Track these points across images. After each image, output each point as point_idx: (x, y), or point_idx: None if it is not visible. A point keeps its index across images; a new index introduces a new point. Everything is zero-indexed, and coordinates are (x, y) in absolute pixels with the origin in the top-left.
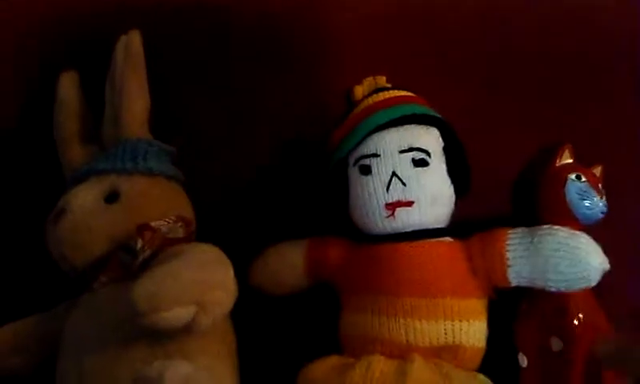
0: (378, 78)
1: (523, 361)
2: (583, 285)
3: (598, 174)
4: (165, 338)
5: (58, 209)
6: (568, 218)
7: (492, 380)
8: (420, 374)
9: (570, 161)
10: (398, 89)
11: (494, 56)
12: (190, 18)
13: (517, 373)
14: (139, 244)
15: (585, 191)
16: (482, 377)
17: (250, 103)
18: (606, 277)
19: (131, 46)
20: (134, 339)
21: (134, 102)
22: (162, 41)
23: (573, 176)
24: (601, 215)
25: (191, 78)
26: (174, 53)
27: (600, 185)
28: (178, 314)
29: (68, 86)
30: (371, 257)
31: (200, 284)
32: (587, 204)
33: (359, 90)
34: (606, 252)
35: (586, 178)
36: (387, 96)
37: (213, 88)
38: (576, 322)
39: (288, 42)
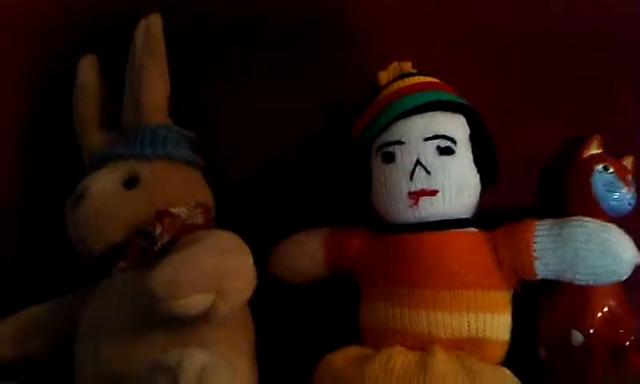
0: (404, 63)
1: (543, 353)
2: (613, 278)
3: (628, 166)
4: (183, 326)
5: (77, 193)
6: (595, 209)
7: (515, 374)
8: (441, 367)
9: (598, 151)
10: (424, 75)
11: (524, 42)
12: (211, 3)
13: (539, 366)
14: (158, 230)
15: (612, 182)
16: (505, 370)
17: (271, 90)
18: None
19: (151, 30)
20: (152, 326)
21: (154, 87)
22: (182, 25)
23: (600, 167)
24: (629, 207)
25: (212, 64)
26: (195, 38)
27: (630, 176)
28: (196, 302)
29: (87, 70)
30: (393, 247)
31: (219, 271)
32: (614, 196)
33: (384, 76)
34: (638, 245)
35: (614, 169)
36: (412, 82)
37: (234, 74)
38: (598, 316)
39: (311, 26)
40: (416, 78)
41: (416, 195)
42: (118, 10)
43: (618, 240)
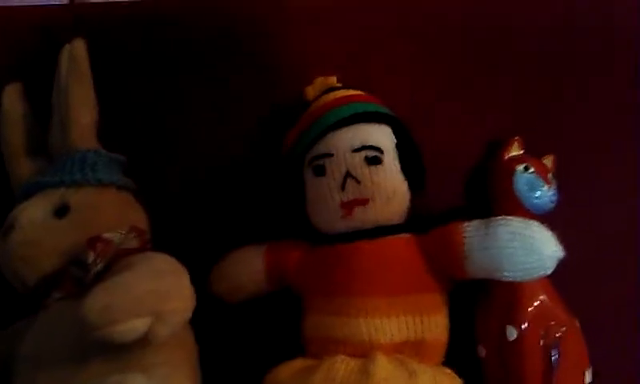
0: (329, 77)
1: (482, 351)
2: (539, 273)
3: (549, 164)
4: (123, 352)
5: (7, 224)
6: (519, 209)
7: (456, 372)
8: (383, 371)
9: (519, 152)
10: (349, 88)
11: (448, 46)
12: (132, 19)
13: (479, 364)
14: (91, 257)
15: (533, 182)
16: (446, 370)
17: (202, 108)
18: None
19: (75, 54)
20: (91, 354)
21: (81, 112)
22: (106, 46)
23: (521, 167)
24: (551, 204)
25: (140, 81)
26: (120, 59)
27: (550, 174)
28: (133, 326)
29: (12, 99)
30: (330, 257)
31: (155, 294)
32: (536, 194)
33: (310, 91)
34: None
35: (535, 168)
36: (338, 95)
37: (163, 93)
38: (530, 311)
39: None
40: (342, 91)
41: (349, 205)
42: (41, 37)
43: (541, 236)
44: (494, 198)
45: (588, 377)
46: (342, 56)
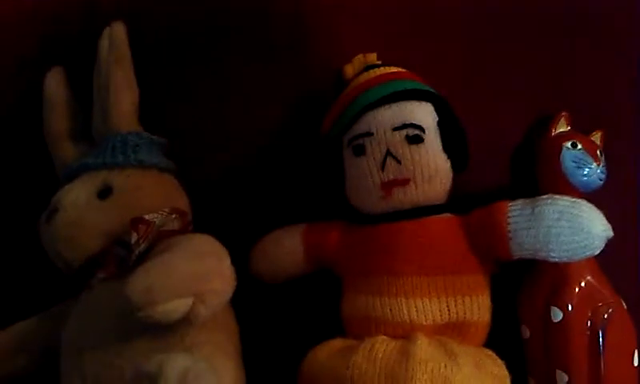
0: (368, 55)
1: (526, 333)
2: (586, 253)
3: (597, 141)
4: (165, 331)
5: (51, 207)
6: (566, 187)
7: (498, 354)
8: (424, 353)
9: (566, 129)
10: (389, 65)
11: (489, 24)
12: (174, 8)
13: (522, 346)
14: (134, 238)
15: (581, 159)
16: (488, 352)
17: (242, 88)
18: (614, 245)
19: (115, 37)
20: (135, 334)
21: (121, 95)
22: (147, 31)
23: (568, 144)
24: (600, 182)
25: (179, 67)
26: (160, 43)
27: (598, 151)
28: (174, 307)
29: (55, 84)
30: (369, 238)
31: (196, 275)
32: (584, 172)
33: (349, 69)
34: (609, 219)
35: (582, 145)
36: (378, 73)
37: (205, 75)
38: (576, 292)
39: (278, 23)
40: (381, 69)
41: (388, 186)
42: (83, 20)
43: (589, 215)
44: (540, 177)
45: (636, 358)
46: (380, 34)
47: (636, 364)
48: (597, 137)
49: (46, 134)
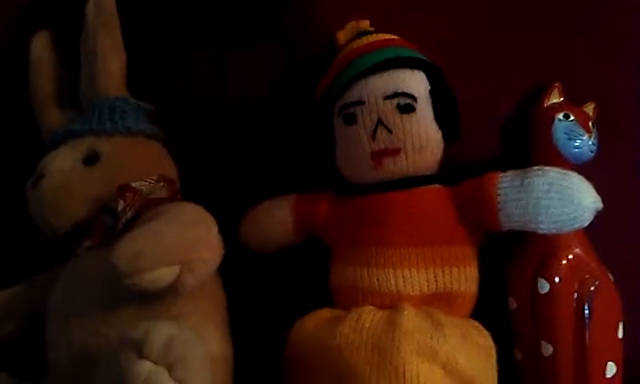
0: (361, 21)
1: (512, 304)
2: (576, 225)
3: (590, 113)
4: (152, 299)
5: (37, 173)
6: (557, 158)
7: (484, 325)
8: (410, 323)
9: (559, 100)
10: (382, 32)
11: None
12: None
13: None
14: (120, 205)
15: (572, 130)
16: (474, 323)
17: (231, 54)
18: (603, 218)
19: (103, 1)
20: (121, 302)
21: (109, 60)
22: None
23: (560, 115)
24: (591, 154)
25: (170, 32)
26: (149, 7)
27: (591, 123)
28: (161, 274)
29: (41, 47)
30: (359, 208)
31: (183, 243)
32: (575, 143)
33: (342, 36)
34: (598, 191)
35: (575, 116)
36: (371, 40)
37: (193, 41)
38: (564, 263)
39: None
40: (374, 35)
41: (379, 155)
42: None
43: (579, 186)
44: (531, 148)
45: (621, 330)
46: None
47: (620, 336)
48: (590, 108)
49: (33, 98)
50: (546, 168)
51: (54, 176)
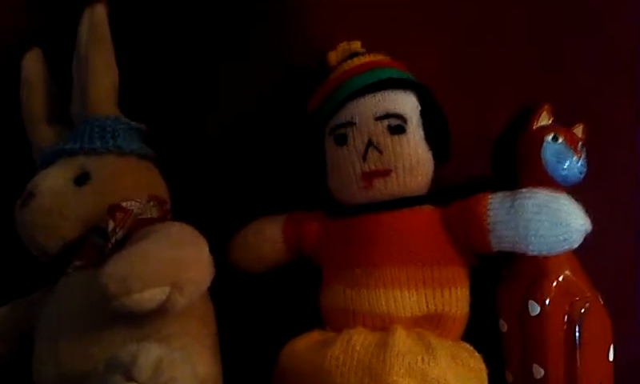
0: (353, 42)
1: (503, 326)
2: (565, 247)
3: (579, 134)
4: (142, 321)
5: (27, 192)
6: (547, 180)
7: (476, 347)
8: (402, 346)
9: (549, 121)
10: (373, 53)
11: (474, 14)
12: None
13: (500, 339)
14: (111, 225)
15: (562, 152)
16: (465, 345)
17: (224, 76)
18: (593, 238)
19: (95, 19)
20: (111, 323)
21: (100, 77)
22: (129, 14)
23: (549, 138)
24: (580, 175)
25: (162, 51)
26: (141, 26)
27: (580, 144)
28: (151, 295)
29: (33, 65)
30: (350, 229)
31: (173, 263)
32: (564, 165)
33: (333, 56)
34: (589, 212)
35: (564, 138)
36: (362, 61)
37: (185, 61)
38: (554, 286)
39: (260, 7)
40: (365, 56)
41: (369, 176)
42: (63, 0)
43: (568, 208)
44: (521, 169)
45: (612, 353)
46: (366, 20)
47: (611, 359)
48: (579, 129)
49: (24, 116)
50: (536, 190)
51: (44, 196)
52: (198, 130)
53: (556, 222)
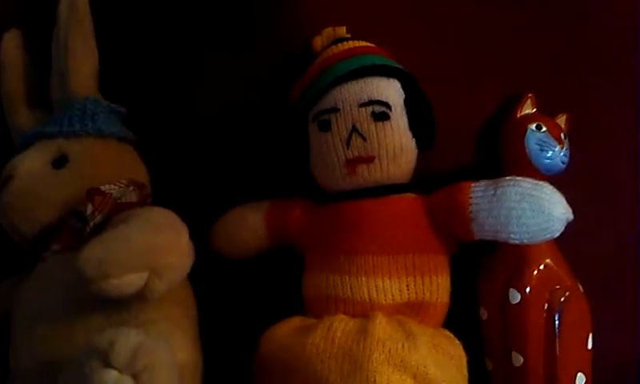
0: (338, 28)
1: (484, 314)
2: (547, 236)
3: (562, 124)
4: (120, 306)
5: (4, 175)
6: (529, 169)
7: (456, 335)
8: (382, 332)
9: (532, 110)
10: (358, 39)
11: (458, 5)
12: None
13: (480, 327)
14: (89, 209)
15: (544, 141)
16: (445, 332)
17: (205, 59)
18: (574, 227)
19: (76, 1)
20: (89, 308)
21: (81, 60)
22: None
23: (533, 126)
24: (562, 165)
25: (141, 32)
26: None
27: (563, 134)
28: (129, 280)
29: (11, 47)
30: (332, 215)
31: (152, 248)
32: (547, 154)
33: (318, 41)
34: (569, 202)
35: (547, 127)
36: (347, 47)
37: (168, 44)
38: (535, 274)
39: None
40: (350, 42)
41: (353, 163)
42: None
43: (550, 197)
44: (504, 158)
45: (590, 341)
46: (352, 9)
47: (590, 347)
48: (562, 120)
49: (3, 99)
50: (519, 178)
51: (22, 178)
52: (179, 114)
53: (538, 210)
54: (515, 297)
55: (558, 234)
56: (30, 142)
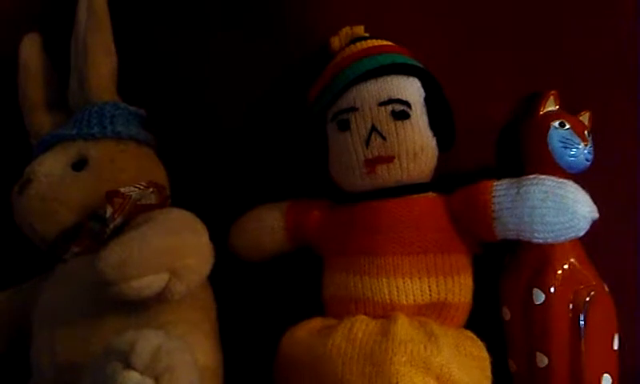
0: (356, 27)
1: (507, 314)
2: (571, 235)
3: (585, 121)
4: (140, 308)
5: (24, 178)
6: (553, 167)
7: (478, 335)
8: (403, 333)
9: (555, 108)
10: (377, 38)
11: (477, 3)
12: None
13: (503, 327)
14: (109, 211)
15: (568, 139)
16: (468, 333)
17: (225, 60)
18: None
19: (94, 3)
20: (108, 310)
21: (99, 63)
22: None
23: (556, 124)
24: (586, 163)
25: (163, 35)
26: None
27: (586, 131)
28: (149, 283)
29: (30, 50)
30: (352, 216)
31: (172, 250)
32: (571, 152)
33: (336, 41)
34: (595, 200)
35: (570, 124)
36: (365, 46)
37: (186, 46)
38: (559, 274)
39: None
40: (368, 41)
41: (372, 163)
42: None
43: (575, 196)
44: (526, 156)
45: (616, 342)
46: (370, 7)
47: (616, 347)
48: (585, 117)
49: (21, 102)
50: (542, 177)
51: (41, 181)
52: (198, 116)
53: (562, 209)
54: (539, 297)
55: (582, 233)
56: (49, 145)
